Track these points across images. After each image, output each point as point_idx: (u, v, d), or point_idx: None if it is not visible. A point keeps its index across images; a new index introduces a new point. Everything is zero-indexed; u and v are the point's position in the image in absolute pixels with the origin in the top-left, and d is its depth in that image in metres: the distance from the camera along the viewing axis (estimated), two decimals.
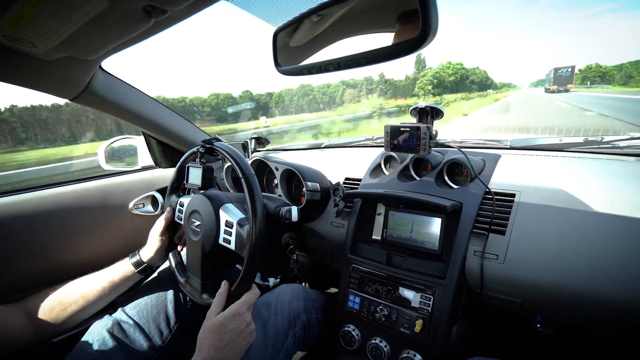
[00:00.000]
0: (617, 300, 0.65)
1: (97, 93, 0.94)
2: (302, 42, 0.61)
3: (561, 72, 60.89)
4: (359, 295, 0.95)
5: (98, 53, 0.73)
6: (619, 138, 0.95)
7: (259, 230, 0.69)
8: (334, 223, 1.06)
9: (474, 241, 0.81)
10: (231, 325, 0.67)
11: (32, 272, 1.00)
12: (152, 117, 1.15)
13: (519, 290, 0.75)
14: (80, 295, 0.80)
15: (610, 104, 20.96)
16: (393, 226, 0.93)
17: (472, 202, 0.84)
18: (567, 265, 0.69)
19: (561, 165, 0.89)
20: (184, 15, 0.61)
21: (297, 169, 1.08)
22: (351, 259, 0.98)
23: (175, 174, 0.96)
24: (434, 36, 0.41)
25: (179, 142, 1.30)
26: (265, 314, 0.86)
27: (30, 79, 0.81)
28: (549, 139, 1.06)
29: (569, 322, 0.78)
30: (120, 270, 0.85)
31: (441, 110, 0.93)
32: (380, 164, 1.10)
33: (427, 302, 0.83)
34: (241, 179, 0.72)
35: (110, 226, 1.17)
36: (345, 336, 0.94)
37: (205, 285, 0.80)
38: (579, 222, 0.72)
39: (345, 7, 0.52)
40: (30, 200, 0.99)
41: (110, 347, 0.77)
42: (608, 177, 0.81)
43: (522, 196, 0.81)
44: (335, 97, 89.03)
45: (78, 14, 0.53)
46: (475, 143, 1.12)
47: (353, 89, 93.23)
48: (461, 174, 0.95)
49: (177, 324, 0.88)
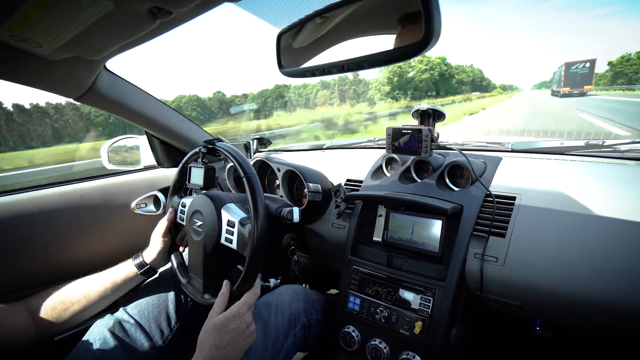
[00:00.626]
0: (617, 304, 0.65)
1: (102, 93, 0.95)
2: (306, 44, 0.61)
3: (576, 68, 40.60)
4: (359, 297, 0.95)
5: (103, 53, 0.73)
6: (620, 142, 0.95)
7: (260, 229, 0.69)
8: (335, 224, 1.06)
9: (474, 243, 0.81)
10: (232, 325, 0.67)
11: (35, 271, 1.01)
12: (155, 117, 1.16)
13: (519, 293, 0.76)
14: (83, 295, 0.80)
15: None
16: (394, 228, 0.93)
17: (472, 205, 0.85)
18: (567, 269, 0.70)
19: (562, 168, 0.89)
20: (189, 17, 0.62)
21: (298, 170, 1.08)
22: (352, 260, 0.98)
23: (177, 175, 0.97)
24: (437, 39, 0.41)
25: (181, 142, 1.30)
26: (265, 314, 0.86)
27: (35, 79, 0.81)
28: (550, 142, 1.06)
29: (569, 325, 0.78)
30: (123, 271, 0.85)
31: (443, 113, 0.93)
32: (381, 165, 1.11)
33: (427, 304, 0.84)
34: (243, 178, 0.73)
35: (112, 226, 1.17)
36: (345, 337, 0.94)
37: (207, 285, 0.80)
38: (579, 226, 0.72)
39: (349, 9, 0.52)
40: (33, 199, 1.00)
41: (111, 346, 0.77)
42: (609, 181, 0.81)
43: (522, 199, 0.81)
44: (311, 99, 75.59)
45: (84, 15, 0.54)
46: (477, 145, 1.13)
47: (326, 90, 76.35)
48: (462, 176, 0.96)
49: (178, 324, 0.88)
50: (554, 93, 36.69)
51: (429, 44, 0.40)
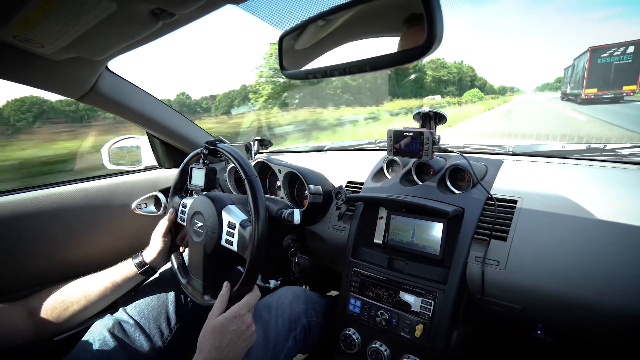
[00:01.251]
0: (618, 308, 0.65)
1: (103, 93, 0.95)
2: (308, 46, 0.61)
3: (609, 56, 16.15)
4: (360, 299, 0.95)
5: (105, 54, 0.73)
6: (622, 146, 0.95)
7: (261, 231, 0.69)
8: (335, 226, 1.06)
9: (475, 247, 0.81)
10: (232, 326, 0.67)
11: (34, 271, 1.01)
12: (156, 117, 1.16)
13: (520, 297, 0.75)
14: (82, 295, 0.80)
15: None
16: (395, 230, 0.93)
17: (474, 208, 0.84)
18: (568, 273, 0.69)
19: (563, 172, 0.89)
20: (191, 18, 0.62)
21: (299, 171, 1.08)
22: (352, 263, 0.98)
23: (178, 175, 0.96)
24: (440, 42, 0.41)
25: (182, 143, 1.30)
26: (266, 316, 0.86)
27: (37, 79, 0.82)
28: (552, 145, 1.06)
29: (570, 329, 0.78)
30: (122, 271, 0.85)
31: (444, 116, 0.93)
32: (382, 167, 1.11)
33: (427, 306, 0.83)
34: (244, 180, 0.73)
35: (113, 226, 1.17)
36: (346, 339, 0.94)
37: (207, 286, 0.80)
38: (580, 230, 0.72)
39: (351, 11, 0.52)
40: (34, 199, 1.00)
41: (111, 346, 0.77)
42: (610, 185, 0.81)
43: (524, 202, 0.81)
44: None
45: (87, 17, 0.54)
46: (478, 148, 1.12)
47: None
48: (463, 179, 0.96)
49: (178, 325, 0.88)
50: (567, 97, 21.63)
51: (431, 47, 0.40)
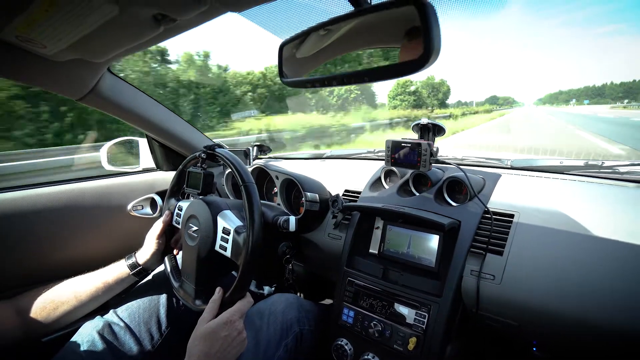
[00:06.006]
0: (615, 327, 0.64)
1: (103, 95, 0.95)
2: (308, 54, 0.62)
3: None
4: (354, 309, 0.94)
5: (107, 56, 0.74)
6: (620, 163, 0.95)
7: (255, 239, 0.69)
8: (331, 235, 1.05)
9: (471, 260, 0.80)
10: (222, 332, 0.66)
11: (26, 270, 1.00)
12: (156, 120, 1.16)
13: (515, 313, 0.75)
14: (73, 295, 0.79)
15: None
16: (390, 241, 0.93)
17: (470, 221, 0.84)
18: (564, 289, 0.69)
19: (561, 187, 0.89)
20: (193, 24, 0.63)
21: (297, 178, 1.08)
22: (347, 272, 0.97)
23: (175, 178, 0.96)
24: (437, 56, 0.42)
25: (181, 146, 1.31)
26: (257, 322, 0.85)
27: (38, 79, 0.82)
28: (550, 160, 1.06)
29: (566, 347, 0.77)
30: (115, 271, 0.84)
31: (443, 128, 0.94)
32: (380, 177, 1.11)
33: (421, 319, 0.83)
34: (241, 187, 0.73)
35: (108, 226, 1.17)
36: (338, 350, 0.93)
37: (199, 291, 0.79)
38: (577, 246, 0.72)
39: (352, 22, 0.53)
40: (29, 197, 1.00)
41: (99, 349, 0.76)
42: (608, 202, 0.81)
43: (521, 217, 0.81)
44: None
45: (89, 20, 0.54)
46: (476, 161, 1.13)
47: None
48: (461, 191, 0.95)
49: (169, 329, 0.87)
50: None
51: (428, 61, 0.40)
